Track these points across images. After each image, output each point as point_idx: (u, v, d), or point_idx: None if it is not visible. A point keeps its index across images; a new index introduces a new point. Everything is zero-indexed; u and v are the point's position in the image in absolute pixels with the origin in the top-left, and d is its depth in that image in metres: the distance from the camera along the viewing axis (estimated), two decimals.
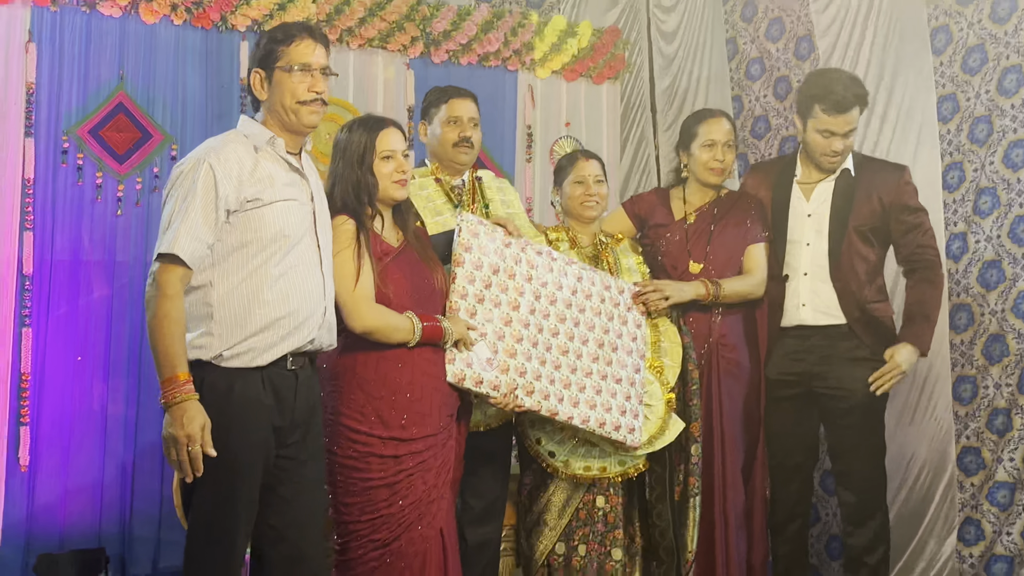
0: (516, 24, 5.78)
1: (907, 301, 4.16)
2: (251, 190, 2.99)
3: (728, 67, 5.95)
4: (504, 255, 3.70)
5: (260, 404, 2.97)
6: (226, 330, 2.95)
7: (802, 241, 4.24)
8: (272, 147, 3.10)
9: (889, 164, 4.38)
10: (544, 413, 3.72)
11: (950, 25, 4.82)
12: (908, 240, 4.17)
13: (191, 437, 2.81)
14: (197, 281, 2.95)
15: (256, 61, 3.13)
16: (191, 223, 2.90)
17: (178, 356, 2.84)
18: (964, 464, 4.68)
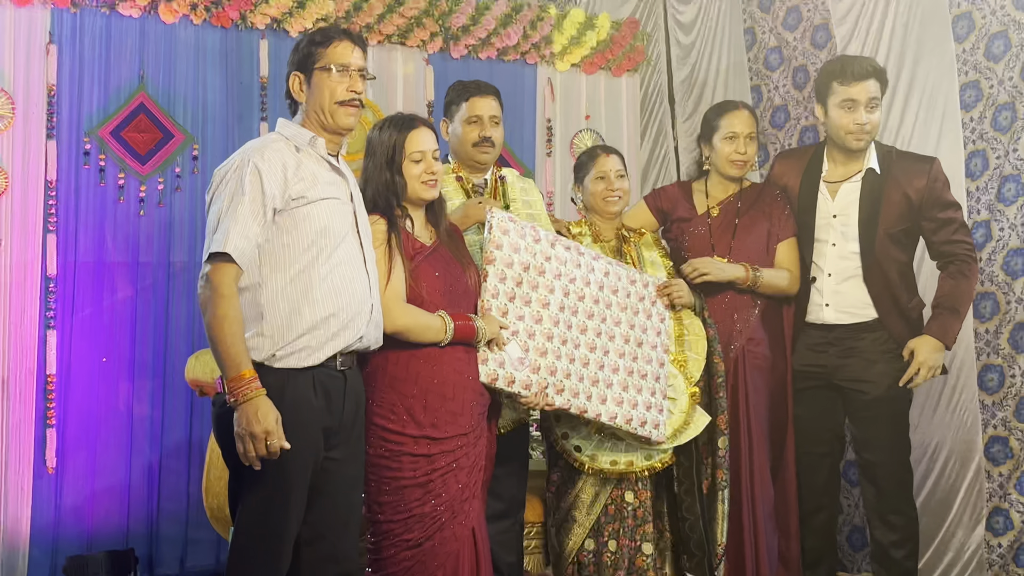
0: (535, 18, 5.75)
1: (937, 293, 4.10)
2: (296, 188, 3.01)
3: (746, 57, 5.90)
4: (534, 252, 3.67)
5: (311, 406, 2.99)
6: (277, 330, 2.96)
7: (828, 241, 4.18)
8: (313, 147, 3.12)
9: (917, 157, 4.26)
10: (573, 411, 3.70)
11: (972, 12, 4.77)
12: (940, 237, 4.09)
13: (269, 432, 2.84)
14: (246, 282, 2.96)
15: (295, 65, 3.17)
16: (241, 222, 2.92)
17: (241, 354, 2.87)
18: (991, 453, 4.64)
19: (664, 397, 3.90)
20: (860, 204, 4.13)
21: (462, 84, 4.07)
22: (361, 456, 3.21)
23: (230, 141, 4.96)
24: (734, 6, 5.96)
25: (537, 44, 5.80)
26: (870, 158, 4.17)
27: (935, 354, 4.02)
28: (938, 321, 4.04)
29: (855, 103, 4.06)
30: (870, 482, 4.19)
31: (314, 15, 5.16)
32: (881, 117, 4.20)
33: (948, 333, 4.03)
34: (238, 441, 2.86)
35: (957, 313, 4.05)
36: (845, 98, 4.08)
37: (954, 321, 4.04)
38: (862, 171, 4.16)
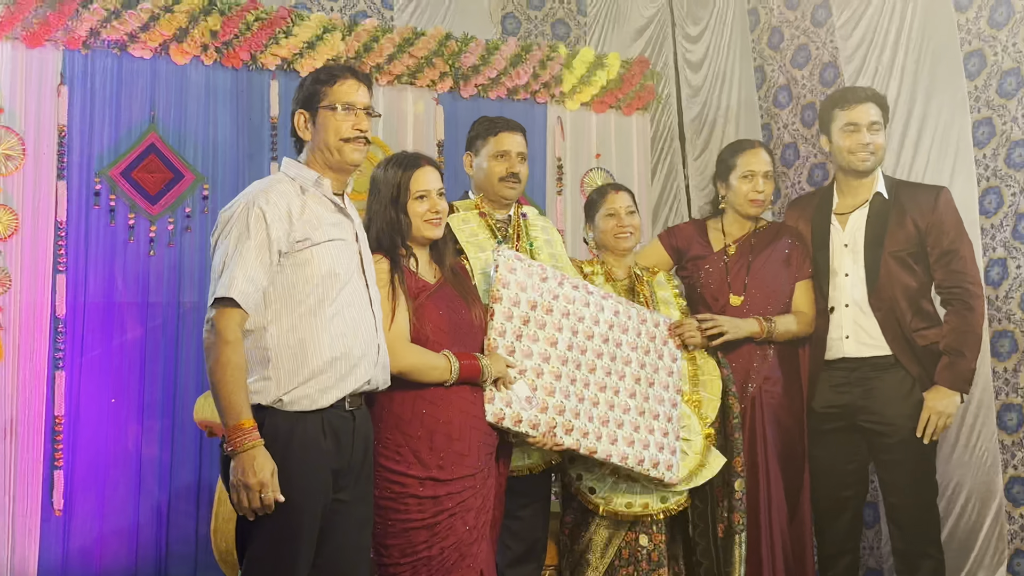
0: (544, 57, 5.72)
1: (943, 337, 4.02)
2: (301, 231, 2.98)
3: (757, 95, 5.85)
4: (541, 290, 3.62)
5: (320, 448, 2.95)
6: (284, 374, 2.93)
7: (841, 272, 4.14)
8: (318, 188, 3.09)
9: (924, 186, 4.28)
10: (583, 451, 3.63)
11: (983, 49, 4.72)
12: (941, 266, 4.04)
13: (264, 484, 2.80)
14: (251, 325, 2.92)
15: (300, 103, 3.14)
16: (246, 266, 2.88)
17: (242, 403, 2.83)
18: (1012, 494, 4.54)
19: (677, 438, 3.82)
20: (867, 227, 4.12)
21: (489, 120, 4.03)
22: (370, 497, 3.16)
23: (240, 181, 4.93)
24: (744, 44, 5.92)
25: (547, 83, 5.77)
26: (878, 184, 4.16)
27: (945, 402, 3.95)
28: (946, 368, 3.97)
29: (857, 125, 4.10)
30: (896, 525, 4.10)
31: (325, 55, 5.15)
32: (885, 141, 4.19)
33: (958, 378, 3.96)
34: (232, 491, 2.83)
35: (963, 356, 3.97)
36: (847, 122, 4.11)
37: (963, 364, 3.97)
38: (870, 198, 4.14)
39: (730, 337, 4.01)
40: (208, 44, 4.96)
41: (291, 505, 2.86)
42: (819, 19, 5.49)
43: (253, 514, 2.83)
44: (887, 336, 4.03)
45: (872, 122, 4.09)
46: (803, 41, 5.59)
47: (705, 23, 6.10)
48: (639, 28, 6.20)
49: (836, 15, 5.36)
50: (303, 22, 5.12)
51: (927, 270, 4.08)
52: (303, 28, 5.11)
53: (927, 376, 3.99)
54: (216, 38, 4.96)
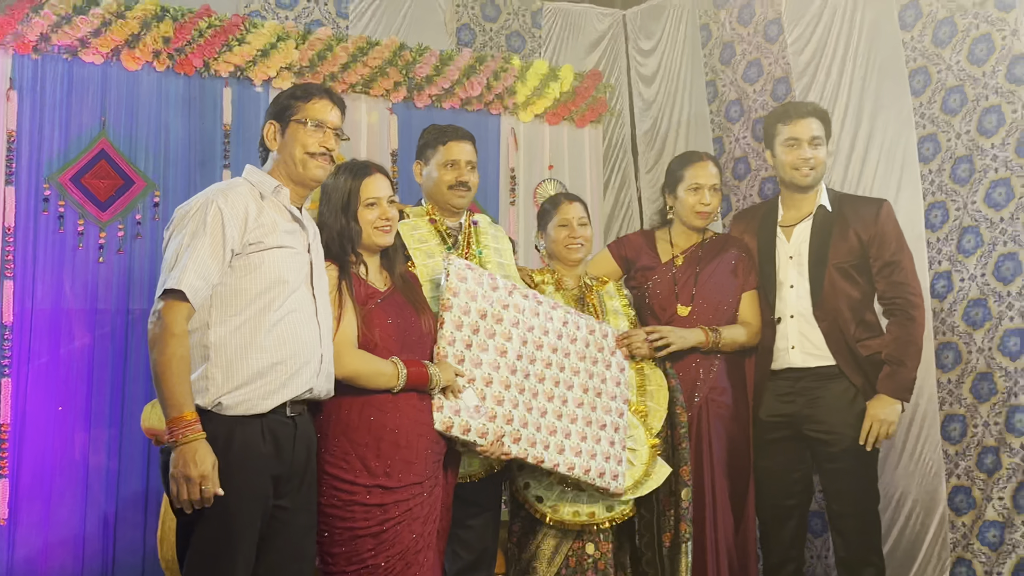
0: (498, 68, 5.74)
1: (885, 346, 4.06)
2: (255, 233, 3.00)
3: (708, 109, 5.90)
4: (492, 300, 3.62)
5: (260, 453, 2.95)
6: (223, 373, 2.92)
7: (787, 283, 4.17)
8: (277, 196, 3.12)
9: (866, 199, 4.34)
10: (530, 461, 3.63)
11: (928, 67, 4.78)
12: (883, 277, 4.10)
13: (204, 476, 2.80)
14: (196, 323, 2.93)
15: (272, 114, 3.19)
16: (199, 261, 2.90)
17: (185, 396, 2.84)
18: (955, 503, 4.59)
19: (624, 448, 3.84)
20: (811, 240, 4.15)
21: (439, 128, 4.03)
22: (313, 504, 3.14)
23: (192, 188, 4.86)
24: (695, 59, 5.97)
25: (500, 95, 5.79)
26: (821, 197, 4.20)
27: (887, 410, 3.98)
28: (888, 377, 4.01)
29: (798, 140, 4.13)
30: (838, 533, 4.12)
31: (278, 64, 5.13)
32: (827, 156, 4.23)
33: (900, 387, 4.01)
34: (172, 483, 2.82)
35: (904, 365, 4.01)
36: (789, 136, 4.15)
37: (904, 373, 4.01)
38: (814, 211, 4.18)
39: (676, 348, 4.03)
40: (160, 50, 4.92)
41: (229, 509, 2.85)
42: (771, 35, 5.54)
43: (191, 507, 2.83)
44: (831, 346, 4.07)
45: (813, 137, 4.13)
46: (755, 56, 5.64)
47: (658, 38, 6.15)
48: (593, 41, 6.24)
49: (788, 31, 5.42)
50: (257, 30, 5.10)
51: (869, 281, 4.13)
52: (257, 36, 5.09)
53: (870, 385, 4.04)
54: (168, 44, 4.92)
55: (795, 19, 5.38)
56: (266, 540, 2.97)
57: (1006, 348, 4.43)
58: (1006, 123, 4.49)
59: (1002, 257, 4.47)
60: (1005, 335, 4.44)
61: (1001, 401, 4.42)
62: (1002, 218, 4.47)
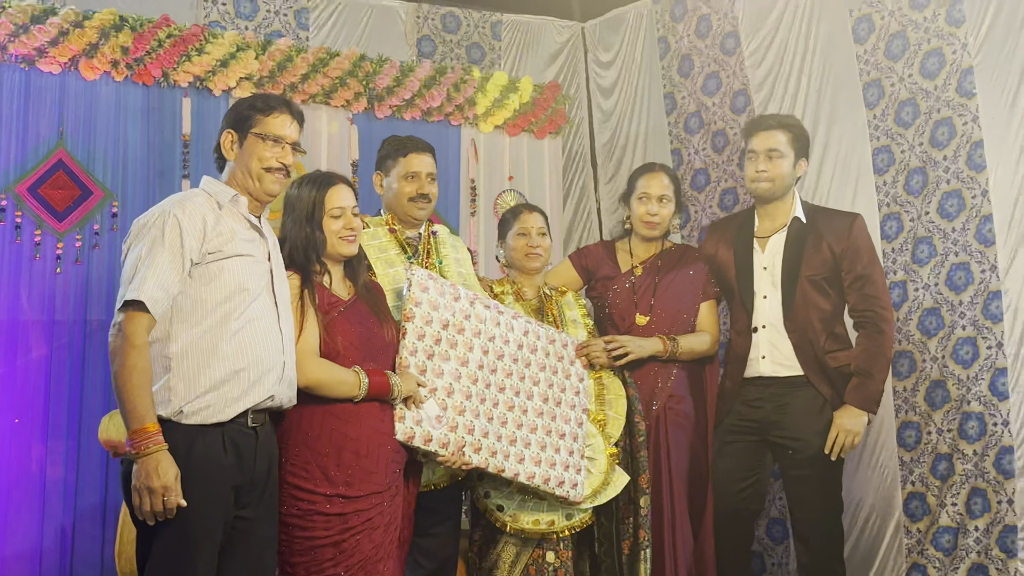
0: (458, 80, 5.76)
1: (854, 358, 4.12)
2: (213, 243, 3.00)
3: (666, 121, 5.95)
4: (454, 309, 3.65)
5: (220, 463, 2.95)
6: (185, 383, 2.92)
7: (760, 294, 4.22)
8: (235, 205, 3.13)
9: (840, 212, 4.38)
10: (491, 470, 3.65)
11: (881, 80, 4.85)
12: (855, 291, 4.14)
13: (167, 488, 2.80)
14: (157, 333, 2.93)
15: (231, 123, 3.19)
16: (158, 271, 2.90)
17: (147, 407, 2.83)
18: (910, 510, 4.65)
19: (582, 457, 3.86)
20: (784, 251, 4.20)
21: (399, 140, 4.05)
22: (274, 515, 3.14)
23: (151, 198, 4.85)
24: (654, 72, 6.02)
25: (461, 106, 5.81)
26: (796, 209, 4.24)
27: (854, 421, 4.04)
28: (856, 388, 4.06)
29: (755, 153, 4.20)
30: (801, 540, 4.16)
31: (238, 74, 5.12)
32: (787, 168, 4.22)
33: (867, 399, 4.06)
34: (135, 494, 2.82)
35: (872, 377, 4.06)
36: (749, 149, 4.24)
37: (871, 385, 4.06)
38: (788, 222, 4.23)
39: (634, 357, 4.06)
40: (119, 60, 4.90)
41: (189, 520, 2.84)
42: (728, 48, 5.60)
43: (154, 518, 2.83)
44: (800, 357, 4.12)
45: (770, 149, 4.18)
46: (713, 69, 5.69)
47: (616, 50, 6.20)
48: (552, 53, 6.28)
49: (745, 44, 5.47)
50: (216, 40, 5.10)
51: (840, 294, 4.18)
52: (216, 46, 5.08)
53: (837, 396, 4.09)
54: (127, 54, 4.91)
55: (751, 32, 5.44)
56: (226, 551, 2.97)
57: (958, 356, 4.50)
58: (957, 135, 4.56)
59: (954, 267, 4.54)
60: (958, 344, 4.51)
61: (954, 408, 4.49)
62: (954, 228, 4.55)
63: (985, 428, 4.39)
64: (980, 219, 4.46)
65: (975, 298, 4.46)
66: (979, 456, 4.41)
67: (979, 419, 4.41)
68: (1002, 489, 4.32)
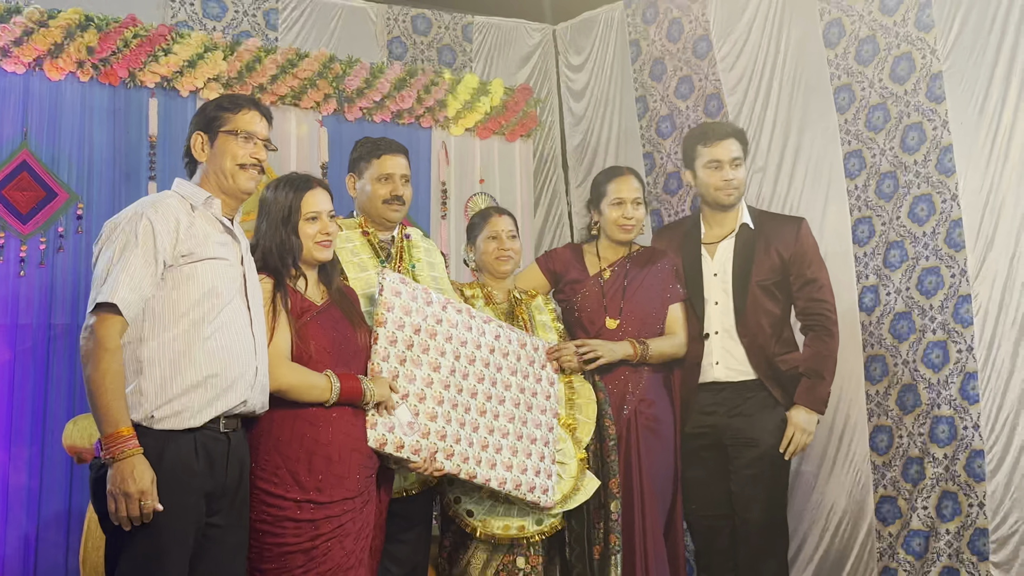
0: (429, 82, 5.76)
1: (802, 360, 4.18)
2: (186, 245, 3.00)
3: (639, 124, 5.97)
4: (426, 314, 3.65)
5: (192, 469, 2.94)
6: (156, 387, 2.91)
7: (711, 300, 4.26)
8: (208, 207, 3.13)
9: (786, 217, 4.46)
10: (463, 476, 3.65)
11: (852, 84, 4.90)
12: (803, 294, 4.21)
13: (143, 492, 2.80)
14: (128, 337, 2.92)
15: (200, 125, 3.20)
16: (131, 274, 2.89)
17: (121, 411, 2.83)
18: (882, 513, 4.69)
19: (553, 462, 3.87)
20: (734, 258, 4.25)
21: (372, 141, 4.04)
22: (245, 522, 3.13)
23: (116, 201, 4.84)
24: (625, 75, 6.04)
25: (431, 108, 5.81)
26: (743, 215, 4.30)
27: (807, 420, 4.11)
28: (806, 389, 4.13)
29: (719, 162, 4.23)
30: (743, 541, 4.19)
31: (205, 75, 5.09)
32: (747, 175, 4.34)
33: (817, 399, 4.13)
34: (110, 499, 2.80)
35: (822, 378, 4.14)
36: (710, 159, 4.25)
37: (821, 386, 4.13)
38: (736, 229, 4.27)
39: (605, 361, 4.07)
40: (84, 60, 4.86)
41: (159, 527, 2.83)
42: (700, 52, 5.62)
43: (130, 524, 2.81)
44: (752, 362, 4.17)
45: (733, 158, 4.24)
46: (686, 73, 5.72)
47: (587, 53, 6.22)
48: (524, 56, 6.30)
49: (717, 48, 5.51)
50: (184, 40, 5.07)
51: (788, 298, 4.25)
52: (184, 46, 5.05)
53: (789, 398, 4.15)
54: (93, 54, 4.87)
55: (723, 36, 5.47)
56: (197, 558, 2.96)
57: (929, 361, 4.54)
58: (927, 140, 4.61)
59: (925, 271, 4.59)
60: (928, 347, 4.55)
61: (925, 412, 4.54)
62: (924, 232, 4.59)
63: (956, 432, 4.44)
64: (950, 224, 4.51)
65: (945, 302, 4.50)
66: (950, 460, 4.45)
67: (949, 423, 4.46)
68: (973, 492, 4.37)
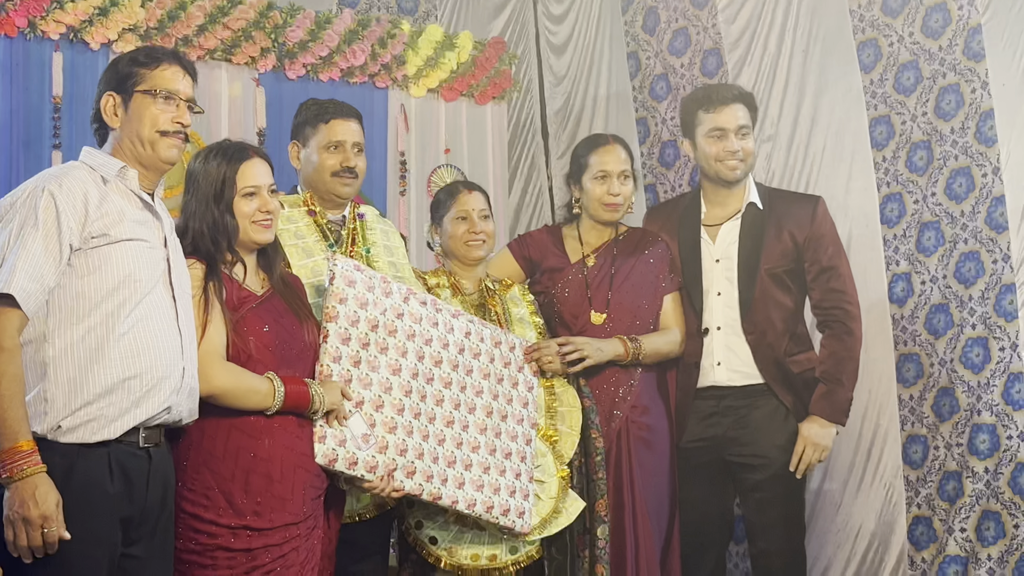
0: (385, 34, 5.73)
1: (819, 363, 4.19)
2: (97, 225, 2.96)
3: (631, 85, 5.96)
4: (384, 307, 3.62)
5: (105, 491, 2.91)
6: (63, 394, 2.88)
7: (713, 291, 4.26)
8: (123, 180, 3.09)
9: (800, 196, 4.47)
10: (425, 498, 3.64)
11: (878, 39, 4.90)
12: (819, 285, 4.22)
13: (47, 518, 2.76)
14: (30, 334, 2.89)
15: (110, 84, 3.15)
16: (30, 260, 2.85)
17: (19, 421, 2.79)
18: (915, 536, 4.71)
19: (531, 480, 3.87)
20: (740, 242, 4.25)
21: (319, 103, 4.03)
22: (169, 553, 3.11)
23: (14, 172, 4.79)
24: (615, 27, 6.03)
25: (388, 65, 5.78)
26: (750, 193, 4.29)
27: (822, 433, 4.12)
28: (821, 396, 4.14)
29: (724, 131, 4.23)
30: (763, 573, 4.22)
31: (119, 24, 5.03)
32: (755, 145, 4.33)
33: (836, 409, 4.15)
34: (7, 527, 2.77)
35: (841, 384, 4.15)
36: (713, 127, 4.24)
37: (840, 393, 4.15)
38: (742, 208, 4.27)
39: (592, 362, 4.07)
40: None
41: (68, 559, 2.80)
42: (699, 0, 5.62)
43: (31, 555, 2.78)
44: (758, 362, 4.18)
45: (740, 126, 4.23)
46: (682, 24, 5.72)
47: (570, 1, 6.19)
48: (498, 5, 6.28)
49: None
50: None
51: (802, 289, 4.25)
52: None
53: (802, 405, 4.17)
54: None
55: None
56: None
57: (968, 360, 4.56)
58: (965, 104, 4.62)
59: (963, 256, 4.61)
60: (967, 345, 4.57)
61: (963, 420, 4.55)
62: (963, 212, 4.61)
63: (998, 442, 4.46)
64: (991, 201, 4.53)
65: (986, 293, 4.53)
66: (991, 474, 4.48)
67: (991, 432, 4.48)
68: (1019, 512, 4.39)
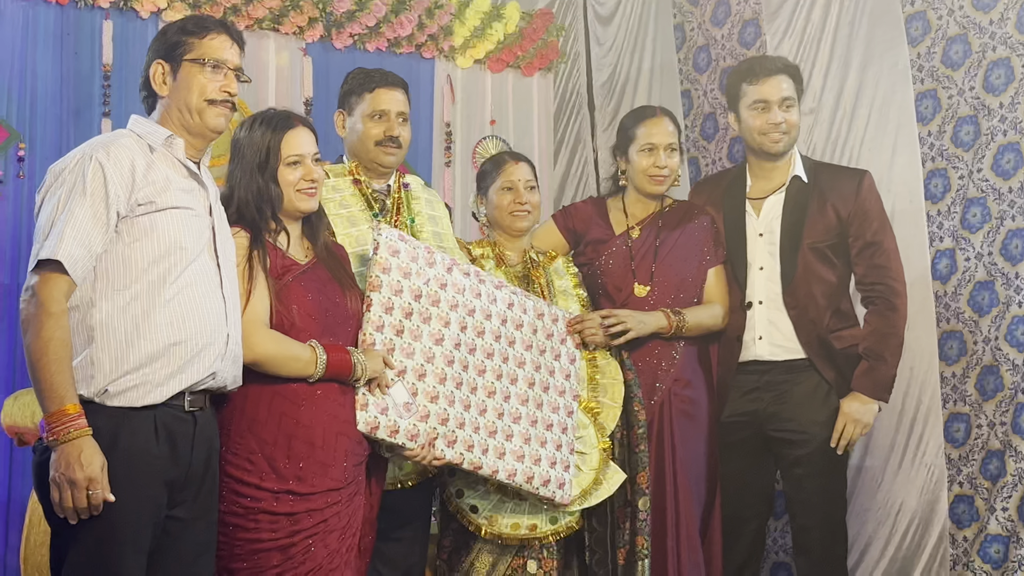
0: (432, 4, 5.75)
1: (862, 339, 4.18)
2: (144, 192, 2.98)
3: (676, 57, 5.93)
4: (428, 277, 3.63)
5: (151, 453, 2.93)
6: (110, 358, 2.90)
7: (756, 264, 4.26)
8: (170, 148, 3.11)
9: (846, 169, 4.46)
10: (466, 467, 3.65)
11: (927, 12, 4.87)
12: (863, 260, 4.20)
13: (92, 480, 2.78)
14: (77, 299, 2.91)
15: (159, 52, 3.16)
16: (78, 226, 2.88)
17: (67, 386, 2.81)
18: (956, 515, 4.69)
19: (572, 452, 3.87)
20: (783, 215, 4.24)
21: (365, 72, 4.03)
22: (213, 516, 3.14)
23: (64, 140, 4.86)
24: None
25: (435, 35, 5.80)
26: (795, 166, 4.28)
27: (863, 410, 4.12)
28: (864, 372, 4.14)
29: (767, 103, 4.21)
30: (803, 551, 4.24)
31: None
32: (799, 118, 4.30)
33: (878, 386, 4.14)
34: (53, 488, 2.80)
35: (884, 360, 4.14)
36: (756, 99, 4.23)
37: (883, 370, 4.14)
38: (786, 182, 4.26)
39: (635, 335, 4.07)
40: None
41: (113, 520, 2.83)
42: None
43: (76, 516, 2.81)
44: (801, 337, 4.17)
45: (784, 98, 4.21)
46: None
47: None
48: None
49: None
50: None
51: (847, 264, 4.24)
52: None
53: (844, 381, 4.16)
54: None
55: None
56: (156, 557, 2.96)
57: (1014, 338, 4.54)
58: (1015, 79, 4.58)
59: (1010, 233, 4.58)
60: (1013, 323, 4.55)
61: (1008, 398, 4.53)
62: (1011, 188, 4.57)
63: None
64: None
65: None
66: None
67: None
68: None
